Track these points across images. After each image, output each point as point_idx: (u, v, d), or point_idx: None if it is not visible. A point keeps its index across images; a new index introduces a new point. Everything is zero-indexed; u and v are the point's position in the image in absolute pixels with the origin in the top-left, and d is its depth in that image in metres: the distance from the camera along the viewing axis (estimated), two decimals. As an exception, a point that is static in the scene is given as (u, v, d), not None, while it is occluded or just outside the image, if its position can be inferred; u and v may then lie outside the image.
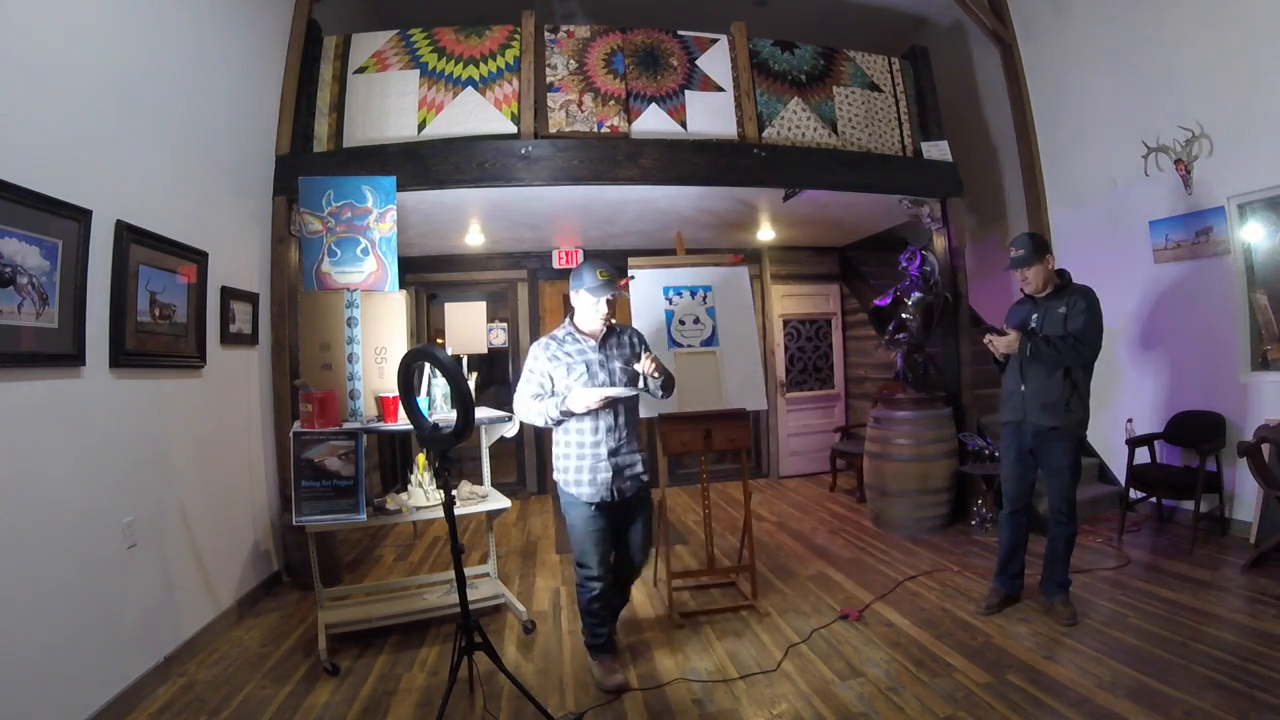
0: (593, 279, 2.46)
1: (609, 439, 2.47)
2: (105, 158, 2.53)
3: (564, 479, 2.53)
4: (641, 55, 4.47)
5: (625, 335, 2.65)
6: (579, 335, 2.57)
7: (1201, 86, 3.90)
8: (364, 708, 2.45)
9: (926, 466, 4.34)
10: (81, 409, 2.38)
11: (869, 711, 2.30)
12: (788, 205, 4.98)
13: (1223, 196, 3.83)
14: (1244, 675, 2.34)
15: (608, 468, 2.46)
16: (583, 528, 2.51)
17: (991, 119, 5.74)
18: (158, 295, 2.85)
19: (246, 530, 3.59)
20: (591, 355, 2.52)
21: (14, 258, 2.05)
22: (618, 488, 2.48)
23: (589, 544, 2.51)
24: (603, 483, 2.47)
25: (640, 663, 2.76)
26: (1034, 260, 2.88)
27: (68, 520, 2.26)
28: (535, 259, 6.39)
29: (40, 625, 2.10)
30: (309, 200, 3.67)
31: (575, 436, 2.49)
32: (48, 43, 2.26)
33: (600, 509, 2.49)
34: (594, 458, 2.47)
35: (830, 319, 6.83)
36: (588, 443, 2.48)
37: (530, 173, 4.13)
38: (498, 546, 3.87)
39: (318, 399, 2.92)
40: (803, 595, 3.43)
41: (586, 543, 2.51)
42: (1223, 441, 3.85)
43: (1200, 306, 4.05)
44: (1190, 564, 3.50)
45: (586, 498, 2.47)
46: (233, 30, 3.58)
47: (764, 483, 6.39)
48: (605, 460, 2.46)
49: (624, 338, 2.64)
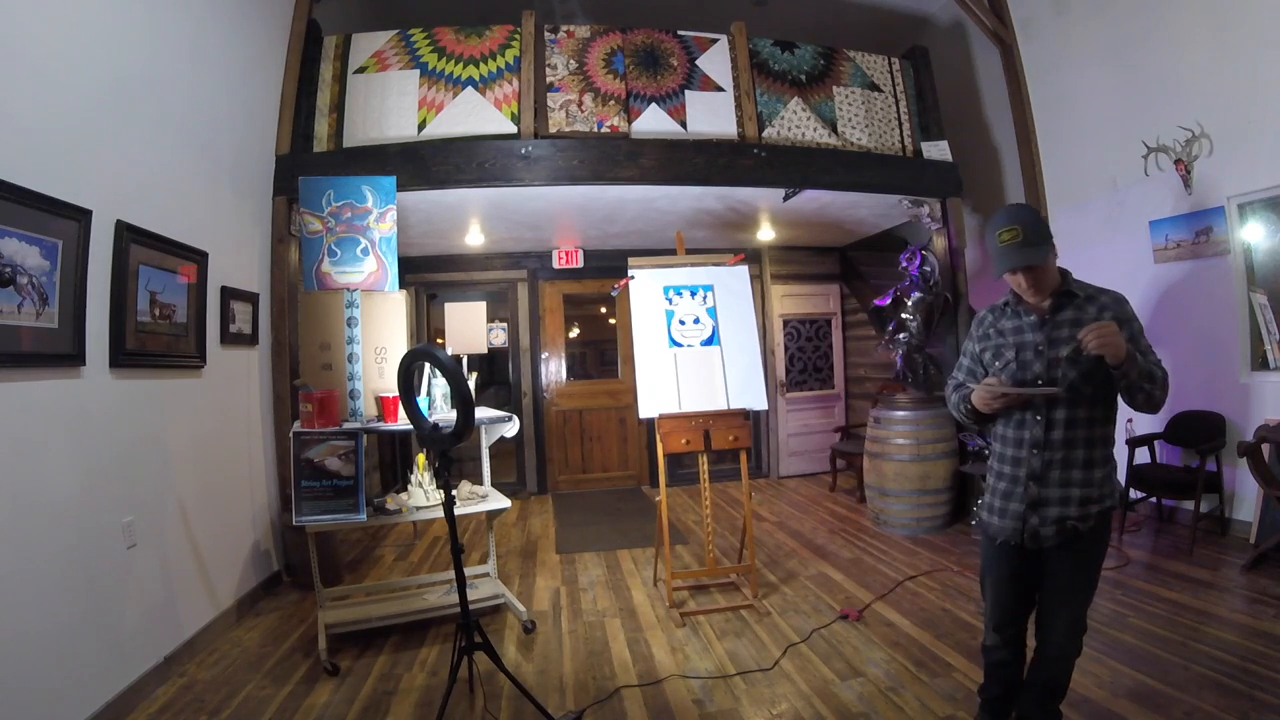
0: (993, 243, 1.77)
1: (1034, 458, 1.78)
2: (105, 158, 2.53)
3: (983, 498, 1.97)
4: (641, 55, 4.47)
5: (1093, 307, 1.76)
6: (1020, 305, 1.87)
7: (1201, 86, 3.90)
8: (364, 708, 2.45)
9: (926, 466, 4.34)
10: (81, 409, 2.38)
11: (869, 711, 2.30)
12: (788, 205, 4.98)
13: (1223, 196, 3.83)
14: (1244, 675, 2.34)
15: (1022, 496, 1.80)
16: (984, 567, 1.99)
17: (991, 119, 5.74)
18: (158, 295, 2.85)
19: (246, 530, 3.59)
20: (1029, 335, 1.81)
21: (14, 258, 2.05)
22: (1031, 528, 1.79)
23: (987, 591, 1.97)
24: (1012, 514, 1.82)
25: (640, 662, 2.76)
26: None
27: (68, 520, 2.26)
28: (535, 259, 6.39)
29: (40, 625, 2.10)
30: (309, 200, 3.67)
31: (998, 446, 1.91)
32: (48, 43, 2.26)
33: (1006, 551, 1.87)
34: (1010, 479, 1.85)
35: (830, 319, 6.83)
36: (1008, 455, 1.86)
37: (530, 173, 4.13)
38: (498, 546, 3.87)
39: (318, 399, 2.92)
40: (803, 595, 3.43)
41: (986, 589, 1.98)
42: (1223, 441, 3.85)
43: (1200, 306, 4.05)
44: (1190, 564, 3.50)
45: (992, 531, 1.90)
46: (233, 30, 3.58)
47: (764, 483, 6.40)
48: (1021, 485, 1.81)
49: (1090, 310, 1.76)
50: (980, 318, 2.00)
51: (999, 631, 1.94)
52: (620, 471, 6.56)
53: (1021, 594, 1.90)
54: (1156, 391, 1.66)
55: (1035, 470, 1.77)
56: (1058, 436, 1.75)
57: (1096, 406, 1.74)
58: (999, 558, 1.90)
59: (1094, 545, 1.79)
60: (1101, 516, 1.76)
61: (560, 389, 6.48)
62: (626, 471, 6.57)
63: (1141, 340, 1.73)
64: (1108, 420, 1.78)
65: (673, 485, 5.82)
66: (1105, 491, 1.76)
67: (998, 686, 2.02)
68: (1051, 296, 1.79)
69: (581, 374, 7.60)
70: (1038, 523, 1.77)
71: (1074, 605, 1.80)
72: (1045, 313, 1.80)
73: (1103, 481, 1.76)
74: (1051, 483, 1.76)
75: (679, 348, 3.50)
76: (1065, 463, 1.75)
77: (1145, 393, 1.65)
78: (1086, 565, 1.80)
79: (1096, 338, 1.56)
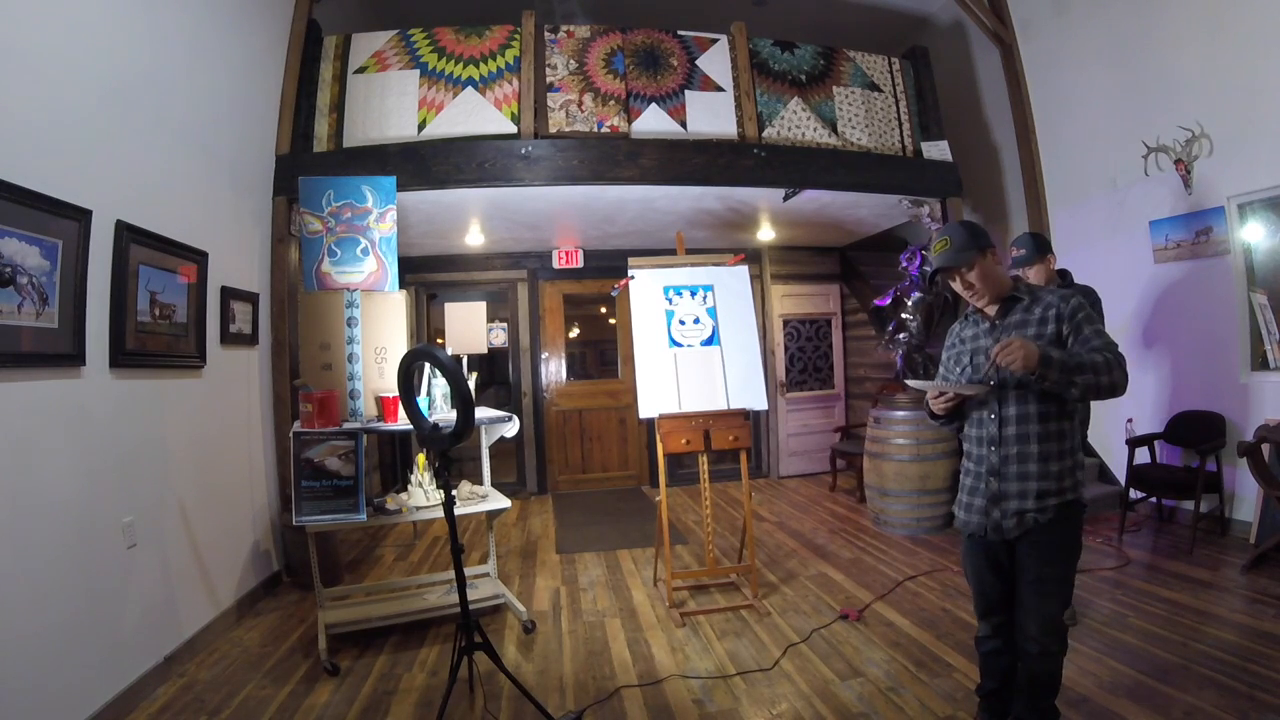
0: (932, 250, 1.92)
1: (992, 454, 1.86)
2: (105, 158, 2.53)
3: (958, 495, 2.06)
4: (641, 55, 4.47)
5: (1039, 307, 1.84)
6: (978, 314, 1.97)
7: (1201, 86, 3.90)
8: (364, 708, 2.45)
9: (926, 466, 4.34)
10: (81, 409, 2.38)
11: (869, 711, 2.30)
12: (787, 205, 4.98)
13: (1223, 196, 3.83)
14: (1244, 675, 2.34)
15: (984, 492, 1.89)
16: (963, 560, 2.06)
17: (991, 119, 5.74)
18: (158, 295, 2.85)
19: (246, 530, 3.59)
20: (982, 341, 1.92)
21: (14, 258, 2.05)
22: (993, 520, 1.86)
23: (970, 582, 2.05)
24: (977, 509, 1.91)
25: (640, 662, 2.76)
26: (1036, 260, 2.88)
27: (68, 520, 2.26)
28: (535, 259, 6.39)
29: (40, 625, 2.10)
30: (309, 200, 3.67)
31: (966, 445, 2.00)
32: (48, 43, 2.26)
33: (976, 543, 1.95)
34: (974, 475, 1.94)
35: (830, 319, 6.83)
36: (972, 454, 1.96)
37: (530, 173, 4.13)
38: (498, 546, 3.87)
39: (318, 399, 2.92)
40: (803, 595, 3.43)
41: (967, 576, 2.06)
42: (1223, 441, 3.85)
43: (1200, 306, 4.05)
44: (1190, 564, 3.50)
45: (960, 524, 2.00)
46: (233, 30, 3.58)
47: (764, 483, 6.40)
48: (984, 481, 1.90)
49: (1036, 311, 1.84)
50: (950, 328, 2.10)
51: (986, 619, 2.01)
52: (620, 471, 6.56)
53: (1000, 582, 1.94)
54: (1100, 378, 1.67)
55: (994, 466, 1.85)
56: (1011, 432, 1.82)
57: (1048, 402, 1.79)
58: (972, 550, 1.98)
59: (1059, 538, 1.81)
60: (1062, 509, 1.79)
61: (560, 389, 6.48)
62: (626, 471, 6.57)
63: (1084, 329, 1.76)
64: (1062, 415, 1.81)
65: (673, 485, 5.82)
66: (1066, 485, 1.80)
67: (992, 679, 2.04)
68: (999, 302, 1.88)
69: (581, 374, 7.60)
70: (999, 515, 1.84)
71: (1045, 599, 1.82)
72: (994, 318, 1.90)
73: (1061, 475, 1.80)
74: (1009, 477, 1.83)
75: (679, 348, 3.50)
76: (1020, 457, 1.81)
77: (1079, 385, 1.67)
78: (1053, 558, 1.82)
79: (1003, 357, 1.67)
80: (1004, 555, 1.91)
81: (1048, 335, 1.78)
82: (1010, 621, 1.96)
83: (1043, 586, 1.82)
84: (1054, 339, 1.78)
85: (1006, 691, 2.02)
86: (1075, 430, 1.85)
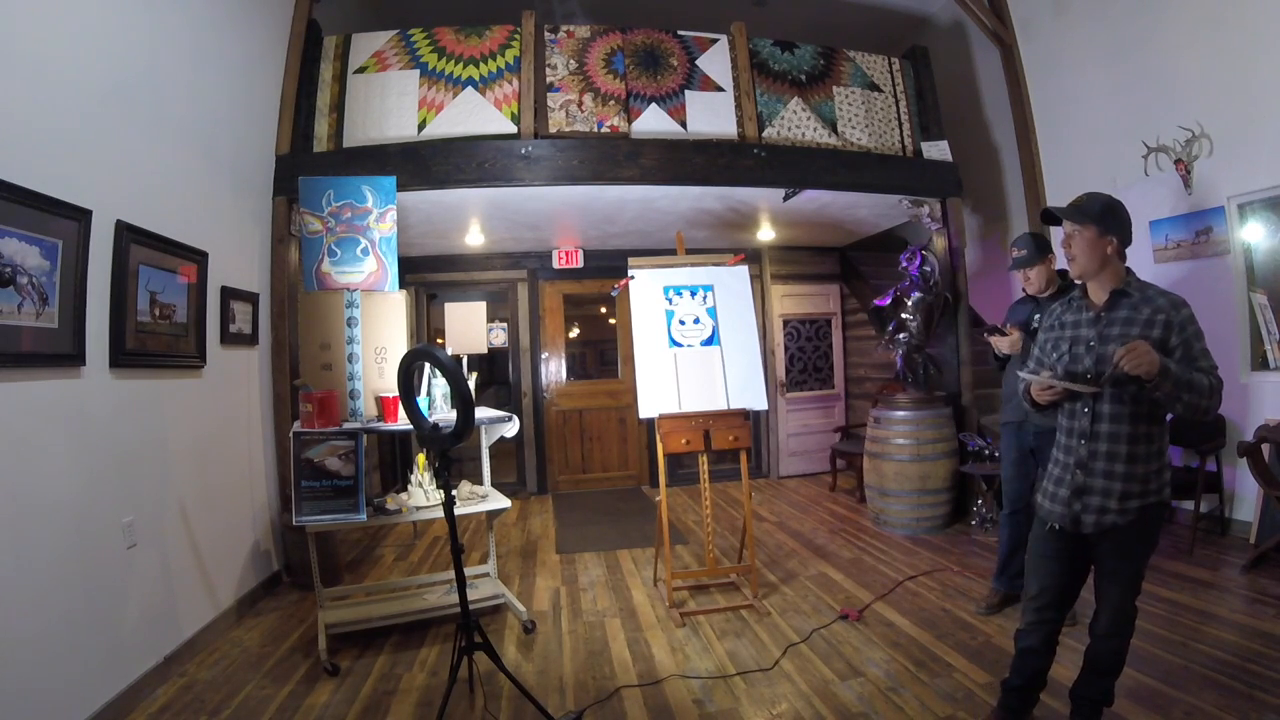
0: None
1: (1080, 447, 1.86)
2: (105, 158, 2.53)
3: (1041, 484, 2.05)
4: (641, 55, 4.47)
5: (1147, 308, 1.83)
6: (1084, 300, 1.96)
7: (1201, 86, 3.90)
8: (364, 708, 2.45)
9: (926, 466, 4.34)
10: (81, 409, 2.38)
11: (869, 711, 2.30)
12: (787, 205, 4.98)
13: (1223, 196, 3.83)
14: (1244, 675, 2.34)
15: (1070, 483, 1.88)
16: (1030, 548, 2.03)
17: (991, 119, 5.75)
18: (158, 295, 2.85)
19: (246, 530, 3.59)
20: (1084, 330, 1.90)
21: (14, 258, 2.05)
22: (1074, 513, 1.87)
23: (1031, 571, 2.02)
24: (1060, 499, 1.90)
25: (640, 662, 2.76)
26: (1036, 261, 2.89)
27: (68, 520, 2.26)
28: (535, 259, 6.39)
29: (40, 625, 2.10)
30: (309, 200, 3.67)
31: (1058, 434, 1.98)
32: (48, 43, 2.26)
33: (1053, 534, 1.94)
34: (1062, 466, 1.93)
35: (830, 319, 6.83)
36: (1061, 444, 1.95)
37: (530, 173, 4.13)
38: (498, 546, 3.87)
39: (318, 399, 2.92)
40: (803, 595, 3.43)
41: (1030, 570, 2.03)
42: (1223, 441, 3.85)
43: (1200, 306, 3.92)
44: (1190, 564, 3.50)
45: (1042, 514, 1.98)
46: (233, 30, 3.58)
47: (764, 483, 6.40)
48: (1070, 473, 1.89)
49: (1144, 311, 1.83)
50: (1050, 309, 2.09)
51: (1038, 612, 1.98)
52: (620, 471, 6.56)
53: (1064, 576, 1.94)
54: (1202, 401, 1.70)
55: (1082, 459, 1.85)
56: (1103, 429, 1.82)
57: (1142, 404, 1.78)
58: (1045, 538, 1.96)
59: (1137, 534, 1.83)
60: (1144, 511, 1.80)
61: (560, 389, 6.48)
62: (626, 471, 6.57)
63: (1195, 346, 1.77)
64: (1153, 419, 1.81)
65: (673, 485, 5.83)
66: (1151, 487, 1.81)
67: (1020, 676, 2.05)
68: (1110, 294, 1.88)
69: (581, 374, 7.60)
70: (1080, 509, 1.85)
71: (1118, 589, 1.86)
72: (1100, 309, 1.88)
73: (1146, 477, 1.80)
74: (1096, 473, 1.83)
75: (679, 348, 3.50)
76: (1109, 456, 1.81)
77: (1183, 403, 1.69)
78: (1131, 553, 1.85)
79: (1129, 360, 1.65)
80: (1078, 549, 1.91)
81: (1154, 339, 1.75)
82: (1058, 624, 1.99)
83: (1117, 578, 1.87)
84: (1159, 345, 1.74)
85: (1030, 694, 2.06)
86: (1164, 433, 1.86)
